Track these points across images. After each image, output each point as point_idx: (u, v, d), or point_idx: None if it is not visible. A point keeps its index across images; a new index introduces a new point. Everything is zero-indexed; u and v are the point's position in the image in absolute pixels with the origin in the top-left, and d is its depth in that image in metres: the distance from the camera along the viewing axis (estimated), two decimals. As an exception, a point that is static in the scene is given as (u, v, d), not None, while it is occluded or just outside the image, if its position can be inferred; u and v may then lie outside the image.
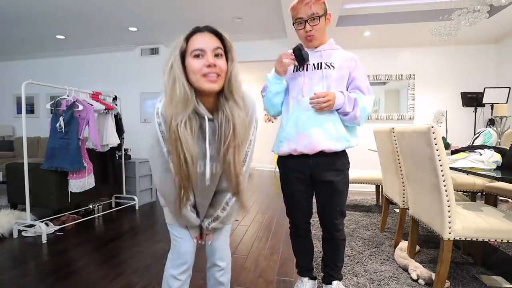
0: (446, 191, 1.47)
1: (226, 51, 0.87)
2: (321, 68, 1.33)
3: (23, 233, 2.53)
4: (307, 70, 1.34)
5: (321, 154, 1.30)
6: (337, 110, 1.30)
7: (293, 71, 1.37)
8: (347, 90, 1.36)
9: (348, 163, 1.41)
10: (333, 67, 1.33)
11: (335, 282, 1.51)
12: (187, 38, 0.84)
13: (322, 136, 1.28)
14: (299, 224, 1.50)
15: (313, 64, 1.34)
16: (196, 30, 0.85)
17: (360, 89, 1.34)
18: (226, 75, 0.86)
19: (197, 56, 0.82)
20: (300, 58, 1.26)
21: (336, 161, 1.34)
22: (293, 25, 1.35)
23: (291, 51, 1.27)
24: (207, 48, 0.82)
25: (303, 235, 1.53)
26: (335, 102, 1.26)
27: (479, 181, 2.41)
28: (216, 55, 0.84)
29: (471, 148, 1.76)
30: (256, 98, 1.03)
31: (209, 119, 0.89)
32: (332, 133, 1.28)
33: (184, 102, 0.81)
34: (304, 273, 1.58)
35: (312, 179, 1.37)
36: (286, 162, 1.40)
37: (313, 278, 1.59)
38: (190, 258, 1.09)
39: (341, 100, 1.27)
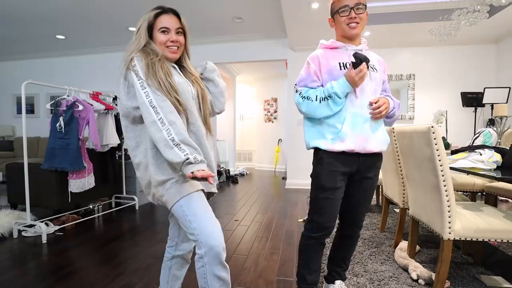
0: (446, 191, 1.47)
1: (183, 29, 1.14)
2: (367, 68, 1.30)
3: (23, 233, 2.53)
4: (355, 69, 1.24)
5: (371, 153, 1.35)
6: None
7: (340, 69, 1.30)
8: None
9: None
10: (376, 70, 1.35)
11: (338, 282, 1.51)
12: (156, 16, 1.08)
13: (375, 140, 1.33)
14: (329, 224, 1.36)
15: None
16: (163, 11, 1.09)
17: (387, 91, 1.43)
18: (185, 47, 1.16)
19: (163, 32, 1.08)
20: (367, 61, 1.22)
21: (378, 160, 1.40)
22: (333, 16, 1.33)
23: (353, 60, 1.21)
24: (172, 28, 1.09)
25: (323, 241, 1.40)
26: (389, 107, 1.32)
27: (479, 181, 2.41)
28: (177, 33, 1.11)
29: (471, 148, 1.76)
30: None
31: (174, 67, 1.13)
32: (382, 138, 1.35)
33: (154, 52, 1.06)
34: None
35: (350, 177, 1.37)
36: (335, 159, 1.32)
37: None
38: (221, 236, 1.01)
39: (392, 105, 1.35)
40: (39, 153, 5.10)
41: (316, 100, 1.27)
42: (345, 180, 1.36)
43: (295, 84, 1.37)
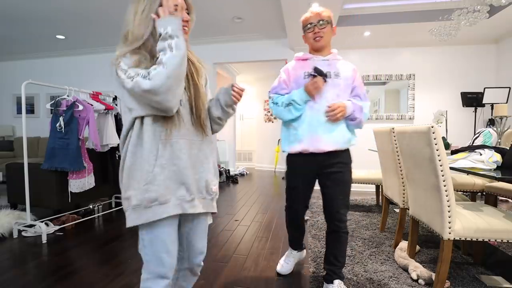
0: (446, 191, 1.47)
1: (189, 9, 1.09)
2: (330, 77, 1.48)
3: (23, 233, 2.53)
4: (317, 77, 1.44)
5: (328, 152, 1.48)
6: (346, 116, 1.47)
7: (304, 78, 1.49)
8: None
9: (351, 156, 1.56)
10: (340, 77, 1.50)
11: (336, 281, 1.52)
12: None
13: (330, 140, 1.46)
14: (298, 211, 1.67)
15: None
16: None
17: (360, 97, 1.54)
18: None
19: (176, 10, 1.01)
20: (324, 75, 1.43)
21: (338, 156, 1.51)
22: (304, 33, 1.56)
23: (312, 71, 1.42)
24: (183, 6, 1.03)
25: (300, 223, 1.73)
26: (347, 111, 1.44)
27: (479, 181, 2.41)
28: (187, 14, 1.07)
29: (471, 148, 1.76)
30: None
31: None
32: (339, 139, 1.48)
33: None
34: (295, 247, 1.85)
35: (317, 174, 1.54)
36: (296, 160, 1.55)
37: (300, 249, 1.88)
38: (173, 266, 1.02)
39: (351, 108, 1.47)
40: (39, 153, 5.10)
41: (281, 105, 1.51)
42: (308, 180, 1.55)
43: (269, 91, 1.60)
